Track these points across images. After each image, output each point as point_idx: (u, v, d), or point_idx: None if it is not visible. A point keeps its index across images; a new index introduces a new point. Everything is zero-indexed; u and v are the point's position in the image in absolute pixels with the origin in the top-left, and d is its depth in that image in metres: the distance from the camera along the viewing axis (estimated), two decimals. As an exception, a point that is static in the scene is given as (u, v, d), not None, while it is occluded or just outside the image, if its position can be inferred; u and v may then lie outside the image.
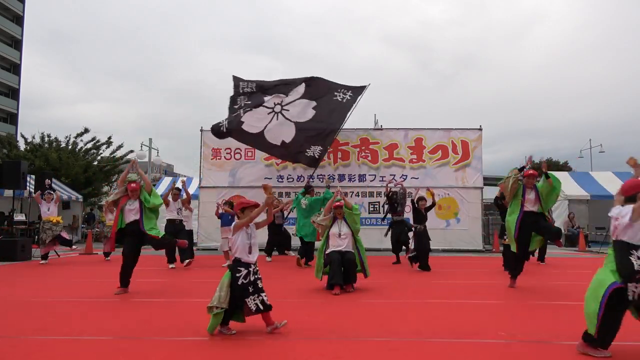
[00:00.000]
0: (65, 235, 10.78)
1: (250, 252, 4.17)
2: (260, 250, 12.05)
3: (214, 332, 4.01)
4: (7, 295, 6.09)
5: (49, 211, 10.65)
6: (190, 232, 10.93)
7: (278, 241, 11.39)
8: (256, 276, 4.12)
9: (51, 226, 10.49)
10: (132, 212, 6.42)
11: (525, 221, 6.61)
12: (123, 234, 6.45)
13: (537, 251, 8.93)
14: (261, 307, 4.02)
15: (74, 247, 10.80)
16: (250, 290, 4.03)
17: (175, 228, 9.55)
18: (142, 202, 6.46)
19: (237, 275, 4.05)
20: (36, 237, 12.64)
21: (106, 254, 10.96)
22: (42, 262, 10.11)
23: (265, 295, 4.07)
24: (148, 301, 5.71)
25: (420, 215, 9.18)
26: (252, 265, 4.14)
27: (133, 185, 6.54)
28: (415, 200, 9.37)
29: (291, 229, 11.49)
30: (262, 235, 12.33)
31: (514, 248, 6.69)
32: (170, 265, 9.35)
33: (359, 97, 13.02)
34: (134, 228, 6.38)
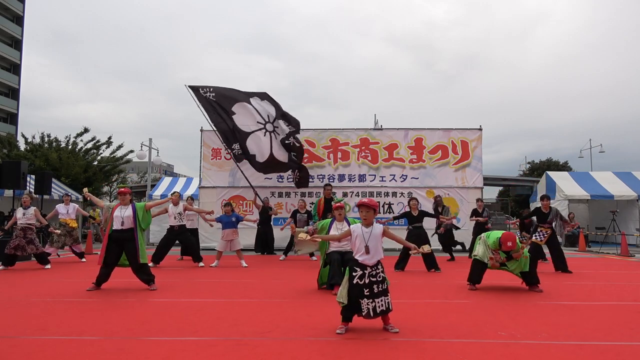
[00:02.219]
0: (78, 248, 10.76)
1: (366, 253, 4.15)
2: (249, 250, 12.26)
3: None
4: (7, 295, 6.09)
5: (68, 213, 10.69)
6: (196, 230, 11.07)
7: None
8: (373, 279, 4.11)
9: (69, 231, 10.51)
10: (123, 219, 6.45)
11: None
12: (110, 239, 6.49)
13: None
14: (371, 314, 4.08)
15: (83, 260, 10.59)
16: (366, 293, 4.08)
17: (174, 234, 9.77)
18: (135, 213, 6.50)
19: (353, 274, 4.13)
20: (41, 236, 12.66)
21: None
22: (48, 266, 9.16)
23: (381, 301, 4.09)
24: (147, 301, 5.71)
25: (412, 217, 9.45)
26: (368, 268, 4.13)
27: (123, 189, 6.53)
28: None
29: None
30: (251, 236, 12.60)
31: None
32: (200, 264, 9.59)
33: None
34: (120, 236, 6.44)
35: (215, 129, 13.06)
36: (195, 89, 12.93)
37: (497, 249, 6.42)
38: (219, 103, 12.82)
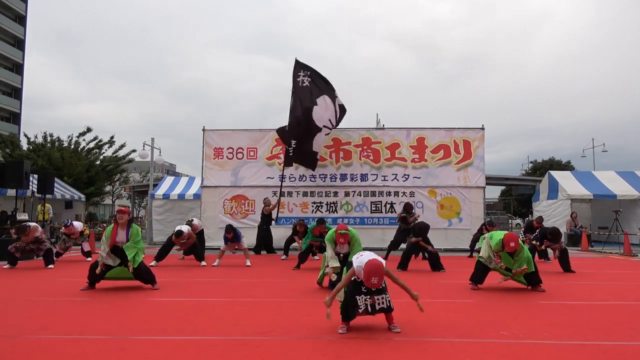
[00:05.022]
0: (86, 246, 10.75)
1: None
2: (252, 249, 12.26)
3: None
4: (7, 295, 6.10)
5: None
6: (201, 231, 11.17)
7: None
8: None
9: (69, 235, 10.53)
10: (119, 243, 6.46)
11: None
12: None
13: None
14: (369, 309, 4.10)
15: (88, 259, 10.60)
16: (363, 290, 4.12)
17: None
18: (128, 233, 6.43)
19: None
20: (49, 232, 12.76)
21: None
22: (51, 266, 9.24)
23: (381, 299, 4.12)
24: (148, 301, 5.71)
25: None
26: None
27: (122, 208, 6.31)
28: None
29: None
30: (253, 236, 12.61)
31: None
32: (202, 263, 9.60)
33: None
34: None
35: (289, 115, 12.80)
36: (297, 68, 12.76)
37: (499, 251, 6.39)
38: (310, 89, 12.48)
